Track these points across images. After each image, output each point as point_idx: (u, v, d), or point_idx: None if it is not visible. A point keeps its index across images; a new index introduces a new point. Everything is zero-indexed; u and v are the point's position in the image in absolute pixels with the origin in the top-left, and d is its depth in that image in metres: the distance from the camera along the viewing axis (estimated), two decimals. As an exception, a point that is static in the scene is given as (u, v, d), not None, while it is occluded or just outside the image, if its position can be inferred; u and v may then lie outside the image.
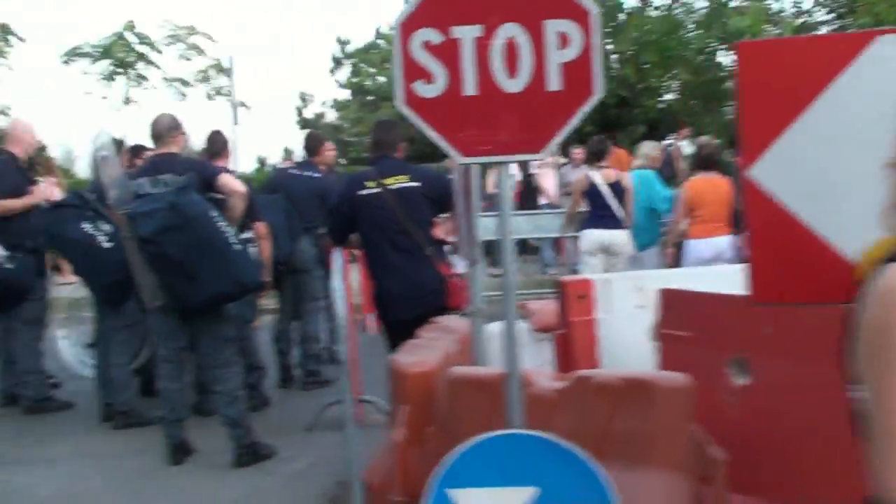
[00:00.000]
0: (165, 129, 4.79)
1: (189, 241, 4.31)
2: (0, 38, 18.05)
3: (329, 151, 6.90)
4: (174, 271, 4.39)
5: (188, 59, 18.73)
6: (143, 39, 17.90)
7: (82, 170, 18.10)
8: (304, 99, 32.46)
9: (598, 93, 2.29)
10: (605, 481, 2.05)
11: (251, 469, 4.72)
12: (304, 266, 6.51)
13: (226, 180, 4.73)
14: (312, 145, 6.80)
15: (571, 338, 4.23)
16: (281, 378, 6.66)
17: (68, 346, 6.57)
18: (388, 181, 4.45)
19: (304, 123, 32.73)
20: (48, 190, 6.29)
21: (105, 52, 17.63)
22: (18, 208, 5.90)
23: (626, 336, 4.00)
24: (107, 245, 5.22)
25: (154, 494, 4.50)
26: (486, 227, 3.95)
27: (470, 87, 2.30)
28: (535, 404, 2.51)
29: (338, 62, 30.74)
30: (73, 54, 17.64)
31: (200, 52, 18.84)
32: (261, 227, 5.57)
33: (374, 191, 4.44)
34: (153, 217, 4.32)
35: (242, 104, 20.19)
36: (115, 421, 5.65)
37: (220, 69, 19.66)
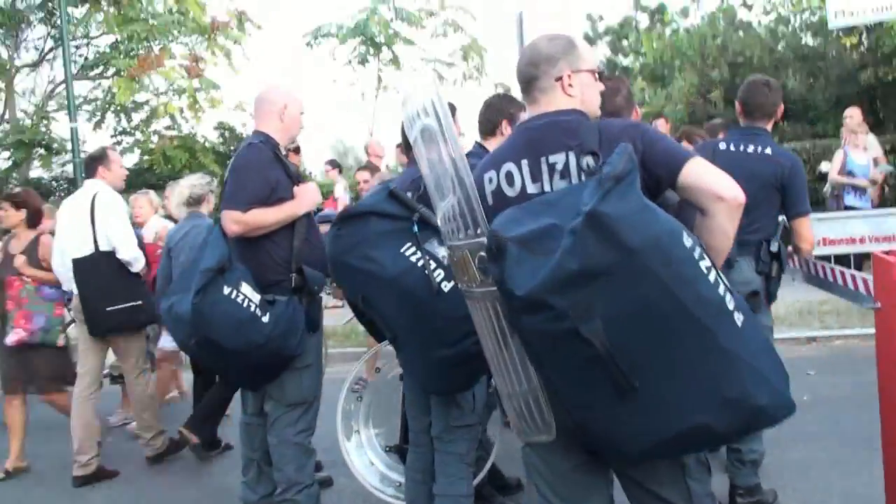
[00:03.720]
0: (545, 60, 2.47)
1: (635, 310, 1.96)
2: (237, 26, 17.46)
3: (779, 111, 4.36)
4: (587, 375, 2.05)
5: (444, 36, 17.14)
6: (401, 14, 16.42)
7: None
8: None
9: None
10: None
11: None
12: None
13: (698, 174, 2.27)
14: (764, 101, 4.27)
15: None
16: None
17: (357, 447, 4.49)
18: None
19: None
20: (315, 193, 4.23)
21: (356, 30, 16.33)
22: (275, 222, 3.95)
23: None
24: (446, 289, 3.07)
25: None
26: None
27: None
28: None
29: (590, 42, 28.80)
30: (319, 35, 16.51)
31: (457, 28, 17.19)
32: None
33: None
34: (539, 248, 2.02)
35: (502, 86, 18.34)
36: None
37: (476, 48, 17.95)
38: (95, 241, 5.60)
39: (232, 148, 19.66)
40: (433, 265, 3.08)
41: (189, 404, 6.24)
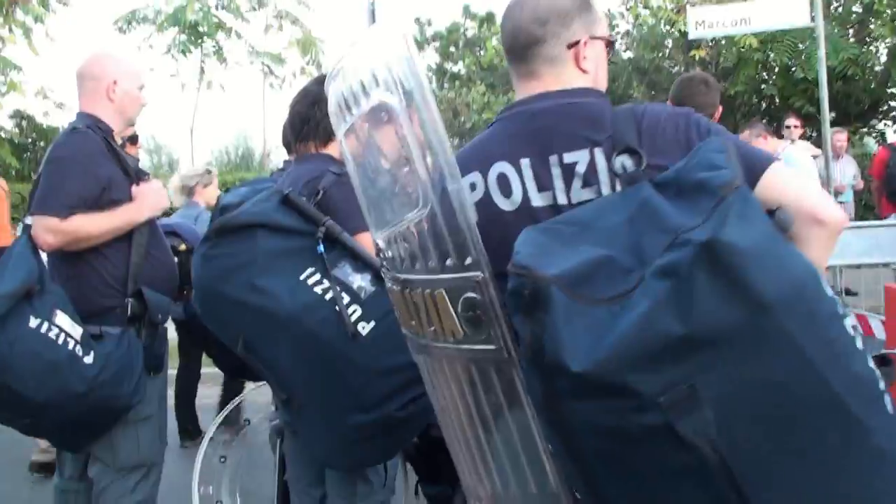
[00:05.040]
0: (557, 17, 1.74)
1: (759, 396, 1.25)
2: (39, 2, 15.74)
3: (717, 114, 3.90)
4: (674, 491, 1.31)
5: (279, 29, 16.10)
6: (223, 3, 15.21)
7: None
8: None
9: None
10: None
11: None
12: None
13: (786, 184, 1.59)
14: (703, 101, 3.76)
15: None
16: None
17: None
18: None
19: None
20: (160, 194, 3.36)
21: (174, 18, 14.99)
22: (106, 232, 3.05)
23: None
24: (364, 331, 2.28)
25: None
26: None
27: None
28: None
29: (419, 45, 28.85)
30: (132, 20, 15.03)
31: (294, 20, 16.20)
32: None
33: None
34: (594, 294, 1.30)
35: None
36: None
37: (311, 40, 17.05)
38: None
39: (30, 139, 17.78)
40: (346, 298, 2.28)
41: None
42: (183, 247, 3.57)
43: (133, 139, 3.96)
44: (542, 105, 1.72)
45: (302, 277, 2.32)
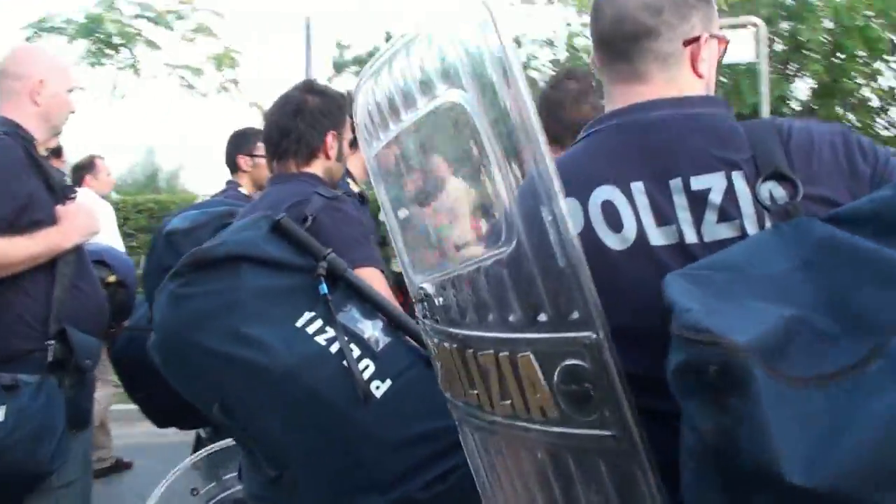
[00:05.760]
0: (673, 5, 1.36)
1: None
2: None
3: None
4: None
5: (191, 40, 15.43)
6: (147, 10, 14.50)
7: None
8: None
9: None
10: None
11: None
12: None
13: None
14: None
15: None
16: None
17: None
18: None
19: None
20: (90, 216, 2.89)
21: (87, 26, 14.24)
22: (25, 260, 2.58)
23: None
24: (379, 395, 1.82)
25: None
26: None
27: None
28: None
29: (339, 68, 28.55)
30: (41, 28, 14.21)
31: (209, 32, 15.56)
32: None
33: None
34: (793, 369, 0.93)
35: (256, 105, 16.98)
36: None
37: (230, 58, 16.42)
38: None
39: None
40: (356, 351, 1.83)
41: None
42: (112, 278, 3.11)
43: (57, 152, 3.45)
44: (658, 115, 1.34)
45: (299, 324, 1.85)
